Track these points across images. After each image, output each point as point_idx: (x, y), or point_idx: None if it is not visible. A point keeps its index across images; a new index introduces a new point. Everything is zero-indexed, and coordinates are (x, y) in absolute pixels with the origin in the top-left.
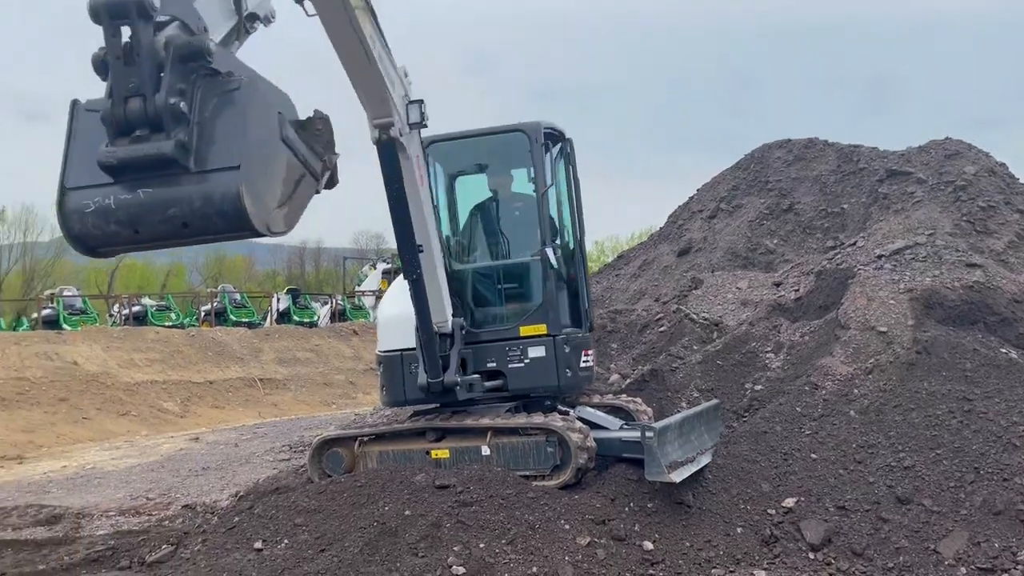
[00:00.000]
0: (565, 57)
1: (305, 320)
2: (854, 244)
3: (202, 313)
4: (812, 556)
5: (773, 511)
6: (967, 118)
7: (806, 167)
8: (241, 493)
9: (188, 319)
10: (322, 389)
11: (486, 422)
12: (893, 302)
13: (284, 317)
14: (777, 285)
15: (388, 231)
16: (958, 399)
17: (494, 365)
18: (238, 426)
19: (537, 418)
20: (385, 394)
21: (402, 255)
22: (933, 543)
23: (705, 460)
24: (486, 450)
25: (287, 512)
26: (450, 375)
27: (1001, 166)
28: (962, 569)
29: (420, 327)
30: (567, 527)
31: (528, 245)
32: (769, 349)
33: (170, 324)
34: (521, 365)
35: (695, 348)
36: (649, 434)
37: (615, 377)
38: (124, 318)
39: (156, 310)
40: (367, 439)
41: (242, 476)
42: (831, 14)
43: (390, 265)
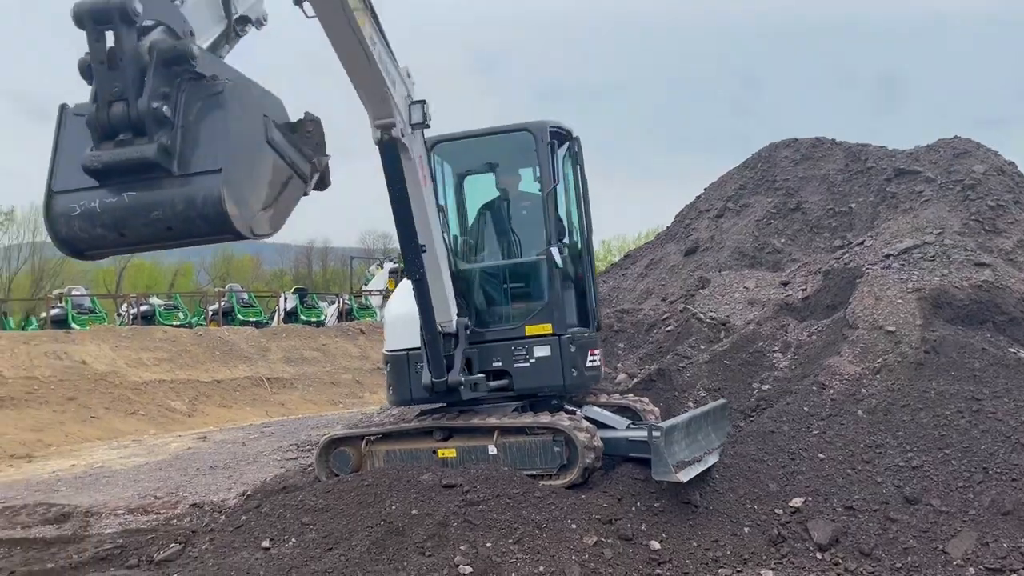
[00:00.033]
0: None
1: (312, 319)
2: (862, 243)
3: (210, 312)
4: (820, 556)
5: (780, 511)
6: (975, 117)
7: (813, 166)
8: (248, 492)
9: (196, 318)
10: (329, 388)
11: (493, 421)
12: (901, 301)
13: (291, 316)
14: (784, 284)
15: (394, 231)
16: (967, 399)
17: (500, 364)
18: (245, 425)
19: (544, 417)
20: (392, 393)
21: (405, 255)
22: (941, 543)
23: (712, 460)
24: (493, 449)
25: (294, 511)
26: (454, 375)
27: (1010, 165)
28: (971, 569)
29: (424, 327)
30: (574, 526)
31: (534, 244)
32: (776, 349)
33: (178, 323)
34: (527, 365)
35: (702, 348)
36: (656, 434)
37: (622, 376)
38: (132, 317)
39: (164, 309)
40: (374, 438)
41: (249, 475)
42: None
43: (397, 265)
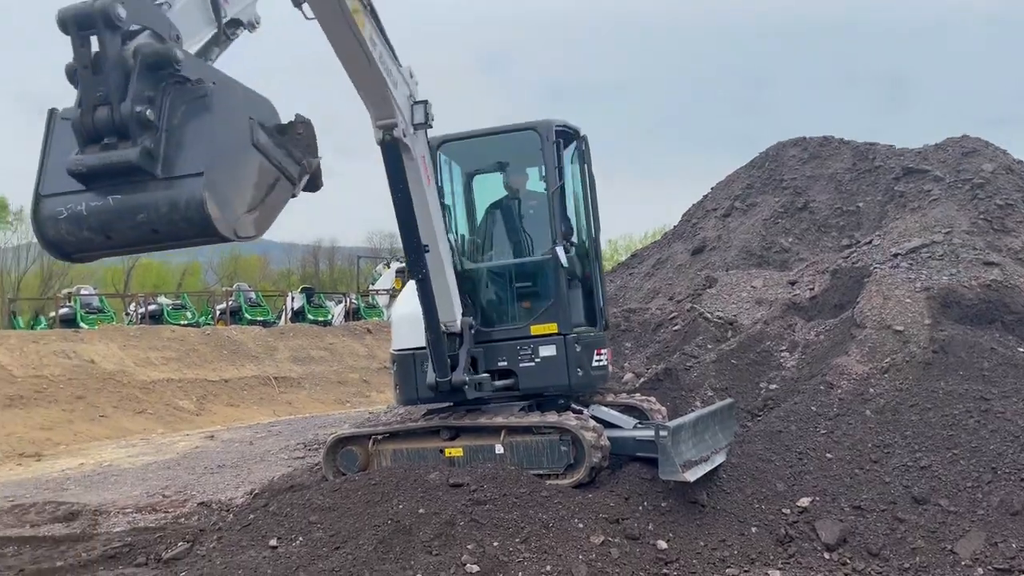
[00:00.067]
0: (576, 57)
1: (319, 319)
2: (870, 242)
3: (217, 312)
4: (827, 556)
5: (788, 511)
6: (981, 116)
7: (821, 165)
8: (256, 491)
9: (203, 318)
10: (336, 387)
11: (500, 421)
12: (909, 301)
13: (298, 316)
14: (792, 284)
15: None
16: (975, 399)
17: (505, 364)
18: (253, 424)
19: (551, 417)
20: (399, 393)
21: (407, 255)
22: (950, 543)
23: (719, 459)
24: (500, 449)
25: (302, 510)
26: (458, 374)
27: (1019, 164)
28: (979, 570)
29: (427, 326)
30: (581, 526)
31: (540, 244)
32: (784, 348)
33: (186, 323)
34: (532, 364)
35: (709, 347)
36: (663, 433)
37: (629, 376)
38: (140, 317)
39: (172, 309)
40: (381, 437)
41: (257, 474)
42: (841, 13)
43: (403, 264)
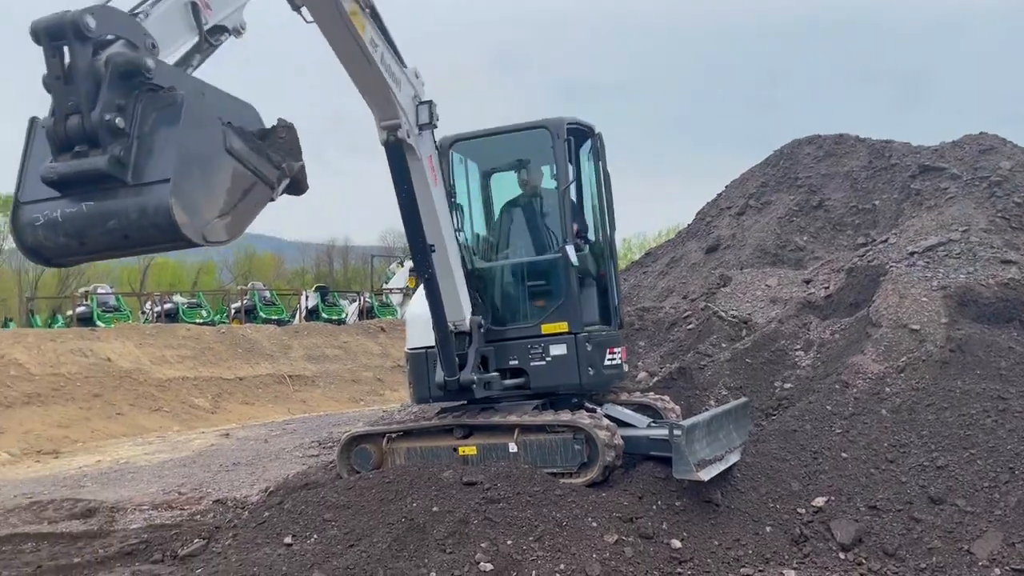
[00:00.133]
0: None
1: (333, 317)
2: (886, 241)
3: (232, 310)
4: (843, 556)
5: (803, 510)
6: (1001, 113)
7: (836, 163)
8: (271, 488)
9: (219, 316)
10: (350, 386)
11: (513, 419)
12: (926, 299)
13: (313, 314)
14: (807, 282)
15: None
16: (992, 398)
17: (516, 363)
18: (267, 422)
19: (564, 415)
20: (412, 391)
21: (413, 254)
22: (967, 544)
23: (734, 458)
24: (513, 447)
25: (316, 507)
26: (466, 373)
27: None
28: (996, 570)
29: (435, 325)
30: (595, 525)
31: (551, 242)
32: (799, 347)
33: (201, 321)
34: (543, 363)
35: (724, 346)
36: (677, 432)
37: (643, 375)
38: (156, 315)
39: (187, 307)
40: (395, 436)
41: (272, 472)
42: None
43: None
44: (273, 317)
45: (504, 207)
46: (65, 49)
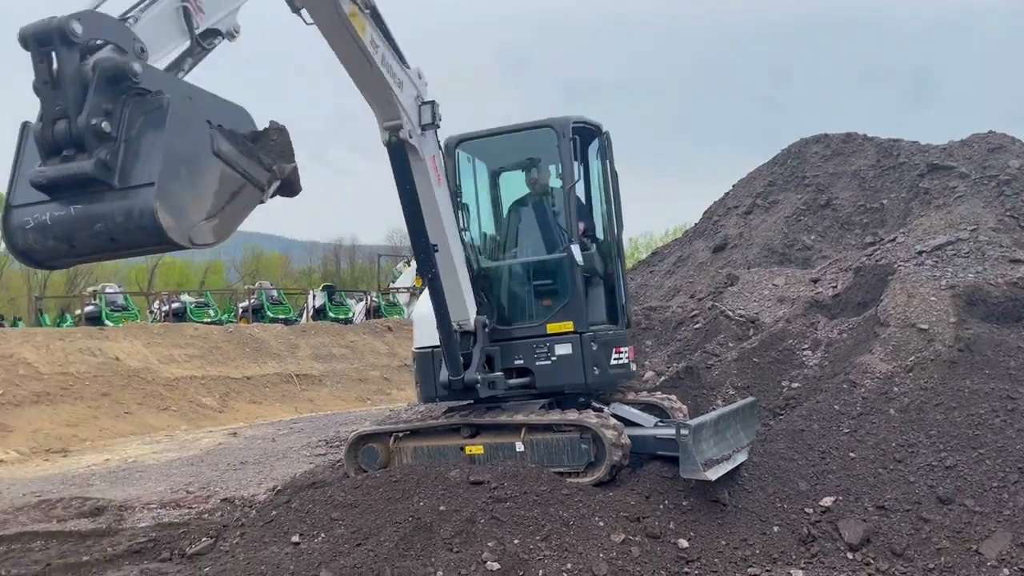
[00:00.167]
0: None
1: (340, 317)
2: (894, 240)
3: (240, 310)
4: (850, 556)
5: (810, 510)
6: (1010, 111)
7: (844, 162)
8: (278, 487)
9: (226, 316)
10: (357, 385)
11: (520, 418)
12: (934, 299)
13: (320, 314)
14: (815, 282)
15: None
16: (1001, 397)
17: (521, 362)
18: (275, 421)
19: (571, 415)
20: (419, 390)
21: (417, 254)
22: (975, 544)
23: (741, 458)
24: (520, 446)
25: (324, 506)
26: (471, 373)
27: None
28: (1005, 570)
29: (439, 325)
30: (601, 524)
31: (557, 242)
32: (806, 346)
33: (208, 320)
34: (548, 363)
35: (731, 345)
36: (684, 431)
37: (650, 374)
38: (164, 314)
39: (195, 307)
40: (402, 435)
41: (279, 471)
42: (863, 6)
43: None
44: (280, 316)
45: (512, 206)
46: (53, 54)
